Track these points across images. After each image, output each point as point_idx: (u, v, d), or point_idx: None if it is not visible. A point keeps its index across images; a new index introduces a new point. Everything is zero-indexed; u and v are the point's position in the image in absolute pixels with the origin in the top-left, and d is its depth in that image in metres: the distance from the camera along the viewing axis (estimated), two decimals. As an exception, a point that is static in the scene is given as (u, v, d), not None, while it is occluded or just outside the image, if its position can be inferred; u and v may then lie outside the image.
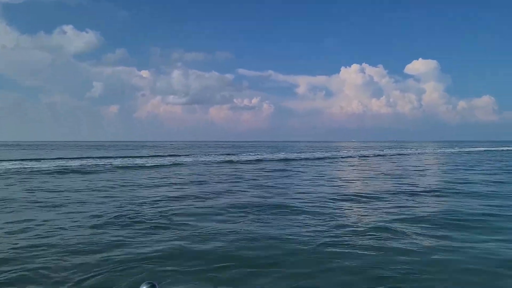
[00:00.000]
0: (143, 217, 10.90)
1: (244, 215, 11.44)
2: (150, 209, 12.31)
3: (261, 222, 10.50)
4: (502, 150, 76.87)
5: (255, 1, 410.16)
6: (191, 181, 21.69)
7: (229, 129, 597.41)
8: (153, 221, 10.47)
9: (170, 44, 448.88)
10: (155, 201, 13.96)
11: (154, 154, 55.39)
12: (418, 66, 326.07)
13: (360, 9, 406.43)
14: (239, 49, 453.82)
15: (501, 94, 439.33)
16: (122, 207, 12.65)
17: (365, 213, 11.81)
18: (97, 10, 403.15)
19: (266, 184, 20.22)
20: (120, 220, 10.56)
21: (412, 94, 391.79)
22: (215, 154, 53.78)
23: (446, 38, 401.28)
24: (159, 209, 12.17)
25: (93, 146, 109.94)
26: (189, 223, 10.24)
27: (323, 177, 23.68)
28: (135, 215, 11.27)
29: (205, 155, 52.70)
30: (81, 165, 32.08)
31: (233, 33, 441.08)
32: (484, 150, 74.41)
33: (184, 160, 40.98)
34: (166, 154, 53.05)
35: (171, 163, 36.71)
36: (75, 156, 46.61)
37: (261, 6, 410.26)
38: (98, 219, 10.69)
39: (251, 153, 57.75)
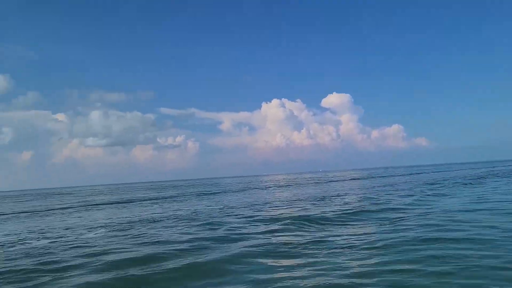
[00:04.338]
0: None
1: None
2: None
3: None
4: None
5: (172, 42, 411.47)
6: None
7: (154, 169, 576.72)
8: None
9: (88, 85, 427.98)
10: None
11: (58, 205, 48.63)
12: (333, 99, 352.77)
13: (270, 46, 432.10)
14: (161, 88, 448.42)
15: (408, 123, 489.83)
16: None
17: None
18: (3, 52, 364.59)
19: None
20: None
21: (330, 126, 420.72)
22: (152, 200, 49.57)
23: (356, 74, 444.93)
24: None
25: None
26: None
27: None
28: None
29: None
30: None
31: (154, 72, 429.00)
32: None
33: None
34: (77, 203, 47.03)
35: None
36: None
37: (177, 45, 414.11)
38: None
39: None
